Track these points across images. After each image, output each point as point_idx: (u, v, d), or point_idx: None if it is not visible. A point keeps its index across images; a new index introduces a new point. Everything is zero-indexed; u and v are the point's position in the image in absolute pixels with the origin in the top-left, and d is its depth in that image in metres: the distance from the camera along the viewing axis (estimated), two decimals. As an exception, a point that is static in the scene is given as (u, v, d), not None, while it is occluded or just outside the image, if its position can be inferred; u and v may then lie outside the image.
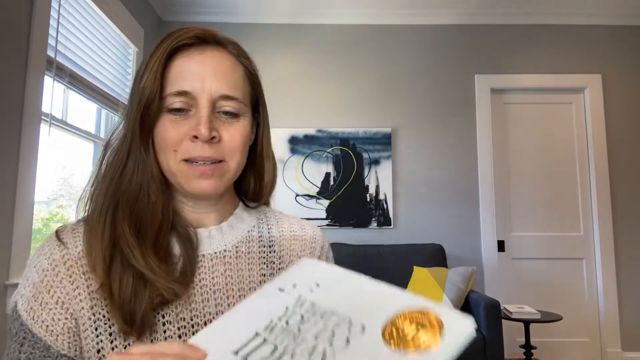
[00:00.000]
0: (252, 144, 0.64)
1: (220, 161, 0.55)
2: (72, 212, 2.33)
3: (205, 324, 0.54)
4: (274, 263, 0.63)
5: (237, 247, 0.60)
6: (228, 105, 0.55)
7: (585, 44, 3.24)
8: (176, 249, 0.56)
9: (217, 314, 0.55)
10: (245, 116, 0.58)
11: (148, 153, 0.55)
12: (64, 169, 2.25)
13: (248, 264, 0.60)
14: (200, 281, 0.56)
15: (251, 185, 0.66)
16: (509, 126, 3.24)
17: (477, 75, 3.22)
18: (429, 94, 3.22)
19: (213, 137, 0.54)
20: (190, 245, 0.56)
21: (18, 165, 1.66)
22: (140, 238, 0.52)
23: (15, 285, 1.62)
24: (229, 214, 0.63)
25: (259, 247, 0.62)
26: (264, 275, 0.61)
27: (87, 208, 0.57)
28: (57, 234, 0.54)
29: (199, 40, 0.56)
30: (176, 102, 0.54)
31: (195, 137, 0.53)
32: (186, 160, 0.54)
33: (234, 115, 0.56)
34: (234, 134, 0.56)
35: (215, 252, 0.59)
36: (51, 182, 2.15)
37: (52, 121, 1.91)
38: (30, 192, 1.72)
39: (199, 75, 0.54)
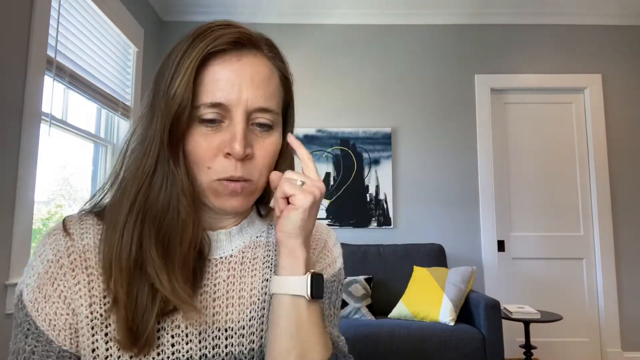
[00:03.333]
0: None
1: (249, 180, 0.53)
2: (71, 212, 2.33)
3: (199, 333, 0.53)
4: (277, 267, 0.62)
5: (243, 252, 0.59)
6: (263, 117, 0.53)
7: (585, 44, 3.24)
8: None
9: (213, 323, 0.54)
10: (277, 128, 0.56)
11: (178, 166, 0.52)
12: (64, 169, 2.25)
13: (252, 270, 0.59)
14: (202, 287, 0.55)
15: (269, 190, 0.65)
16: (509, 126, 3.24)
17: (477, 75, 3.22)
18: (429, 94, 3.22)
19: (247, 155, 0.52)
20: (202, 253, 0.55)
21: (18, 165, 1.66)
22: (168, 259, 0.51)
23: (15, 286, 1.62)
24: (243, 217, 0.62)
25: (265, 252, 0.61)
26: (267, 280, 0.59)
27: (98, 206, 0.56)
28: (64, 223, 0.53)
29: (235, 44, 0.53)
30: (209, 114, 0.51)
31: (229, 153, 0.51)
32: (219, 179, 0.52)
33: (267, 127, 0.54)
34: (266, 151, 0.54)
35: (220, 257, 0.57)
36: (51, 182, 2.15)
37: (52, 121, 1.91)
38: (30, 192, 1.72)
39: (235, 85, 0.51)
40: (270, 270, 0.60)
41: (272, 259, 0.61)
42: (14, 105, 1.65)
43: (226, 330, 0.54)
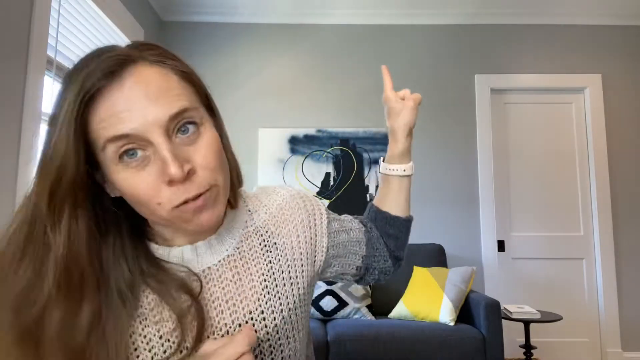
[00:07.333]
0: None
1: (209, 189, 0.49)
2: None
3: (223, 335, 0.55)
4: (275, 244, 0.63)
5: (238, 248, 0.60)
6: (181, 121, 0.48)
7: (585, 44, 3.24)
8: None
9: (233, 322, 0.56)
10: (206, 122, 0.51)
11: (57, 233, 0.45)
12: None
13: (253, 259, 0.60)
14: (211, 295, 0.56)
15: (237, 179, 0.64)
16: (509, 126, 3.24)
17: (477, 75, 3.22)
18: (428, 94, 3.22)
19: (188, 172, 0.46)
20: (192, 292, 0.52)
21: (18, 165, 1.66)
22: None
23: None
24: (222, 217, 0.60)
25: (258, 238, 0.62)
26: (270, 262, 0.61)
27: None
28: None
29: (111, 73, 0.46)
30: (122, 146, 0.45)
31: (171, 180, 0.46)
32: (176, 207, 0.47)
33: (193, 127, 0.49)
34: (205, 153, 0.49)
35: (219, 261, 0.58)
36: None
37: (52, 121, 1.90)
38: (30, 192, 1.71)
39: (131, 111, 0.45)
40: (271, 253, 0.62)
41: (267, 240, 0.62)
42: (14, 104, 1.65)
43: (251, 319, 0.57)
